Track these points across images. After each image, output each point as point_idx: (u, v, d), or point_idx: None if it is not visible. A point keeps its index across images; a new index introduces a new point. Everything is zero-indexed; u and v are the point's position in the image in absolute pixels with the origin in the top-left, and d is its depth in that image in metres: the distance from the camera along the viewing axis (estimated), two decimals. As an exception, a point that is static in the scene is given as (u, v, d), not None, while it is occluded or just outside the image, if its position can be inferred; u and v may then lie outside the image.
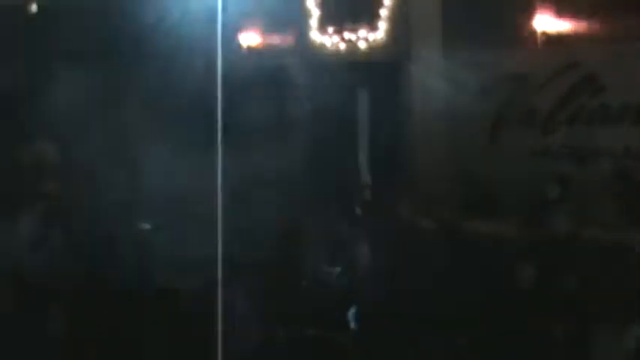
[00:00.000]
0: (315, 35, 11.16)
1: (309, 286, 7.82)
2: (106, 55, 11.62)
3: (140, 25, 11.53)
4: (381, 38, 11.00)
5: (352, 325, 7.87)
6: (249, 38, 11.53)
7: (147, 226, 9.23)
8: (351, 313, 7.92)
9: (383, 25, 10.96)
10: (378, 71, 11.06)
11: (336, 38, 11.08)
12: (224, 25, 11.37)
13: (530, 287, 7.47)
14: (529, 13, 10.29)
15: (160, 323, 7.44)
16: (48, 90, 11.82)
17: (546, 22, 10.22)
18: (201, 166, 11.32)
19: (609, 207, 8.96)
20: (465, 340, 7.19)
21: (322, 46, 11.14)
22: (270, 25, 11.44)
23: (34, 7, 11.27)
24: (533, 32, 10.28)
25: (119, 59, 11.62)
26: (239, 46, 11.47)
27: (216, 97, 11.61)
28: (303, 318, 7.42)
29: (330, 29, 11.07)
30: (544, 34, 10.21)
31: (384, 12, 10.94)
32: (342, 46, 11.06)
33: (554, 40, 10.18)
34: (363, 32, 10.99)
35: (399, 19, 10.92)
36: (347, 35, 11.04)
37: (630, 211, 8.82)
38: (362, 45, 11.01)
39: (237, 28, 11.44)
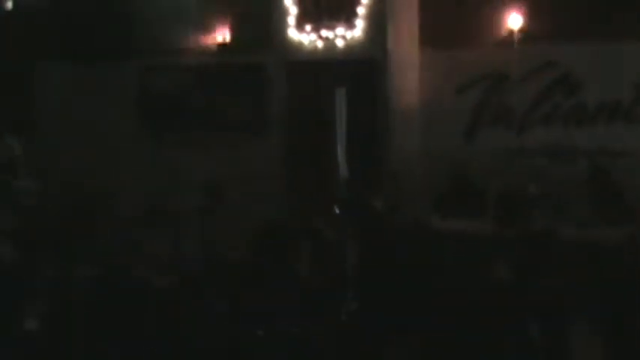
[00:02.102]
0: (293, 33, 11.16)
1: (287, 282, 7.80)
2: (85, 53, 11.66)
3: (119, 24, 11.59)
4: (359, 36, 11.02)
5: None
6: (227, 35, 11.53)
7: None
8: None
9: (360, 23, 10.98)
10: (355, 69, 11.08)
11: (313, 36, 11.07)
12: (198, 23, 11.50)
13: (506, 285, 7.50)
14: (505, 12, 10.35)
15: (138, 320, 7.39)
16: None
17: (522, 21, 10.28)
18: (179, 164, 11.40)
19: (585, 205, 9.04)
20: (441, 338, 7.20)
21: (300, 43, 11.14)
22: (248, 22, 11.44)
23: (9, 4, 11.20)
24: (510, 31, 10.35)
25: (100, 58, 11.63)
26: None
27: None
28: (281, 316, 7.41)
29: (308, 27, 11.06)
30: (520, 32, 10.28)
31: (361, 10, 10.96)
32: (320, 43, 11.06)
33: (530, 39, 10.25)
34: (340, 30, 10.99)
35: (376, 17, 10.94)
36: (324, 33, 11.04)
37: (605, 208, 8.91)
38: (340, 43, 11.02)
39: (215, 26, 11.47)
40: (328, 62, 11.03)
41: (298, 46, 11.12)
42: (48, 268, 7.87)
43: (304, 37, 11.10)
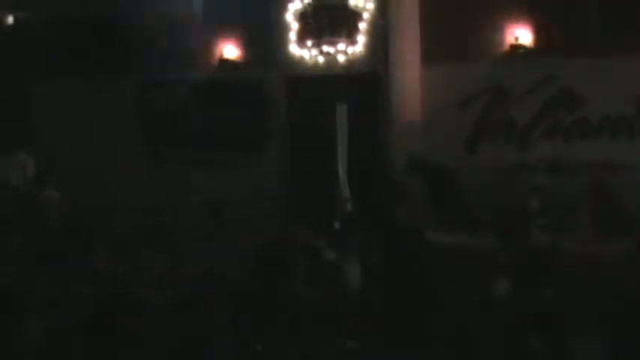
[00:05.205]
0: (294, 48, 11.17)
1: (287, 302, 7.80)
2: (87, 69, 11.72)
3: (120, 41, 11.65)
4: (360, 51, 11.02)
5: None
6: (228, 51, 11.56)
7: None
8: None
9: (362, 39, 10.98)
10: (357, 84, 11.08)
11: (314, 51, 11.08)
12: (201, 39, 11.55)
13: (506, 301, 7.46)
14: (506, 27, 10.35)
15: (139, 337, 7.39)
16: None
17: (523, 36, 10.28)
18: (179, 181, 11.41)
19: (585, 219, 9.01)
20: (442, 354, 7.18)
21: (301, 59, 11.15)
22: (249, 38, 11.47)
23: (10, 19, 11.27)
24: (511, 45, 10.34)
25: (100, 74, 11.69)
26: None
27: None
28: (281, 335, 7.41)
29: (309, 42, 11.07)
30: (521, 47, 10.27)
31: (362, 25, 10.96)
32: (321, 59, 11.07)
33: (531, 54, 10.24)
34: (342, 45, 10.99)
35: (377, 32, 10.95)
36: (326, 48, 11.04)
37: (607, 224, 8.87)
38: (341, 58, 11.02)
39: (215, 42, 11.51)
40: (329, 77, 11.04)
41: (299, 62, 11.13)
42: (47, 285, 7.88)
43: (305, 53, 11.10)
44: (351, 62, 10.98)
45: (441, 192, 9.88)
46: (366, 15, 10.95)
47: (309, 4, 10.96)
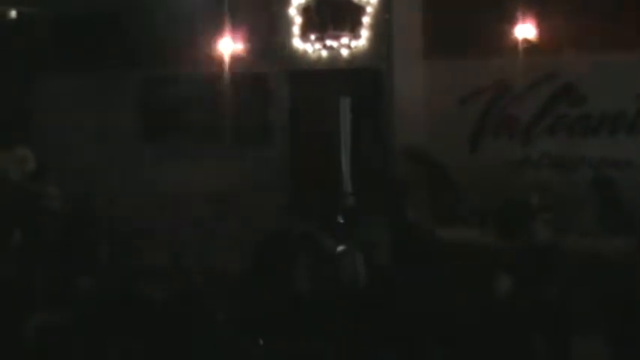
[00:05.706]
0: (298, 42, 11.18)
1: (288, 296, 7.82)
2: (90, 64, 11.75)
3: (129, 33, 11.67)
4: (363, 46, 11.03)
5: None
6: (231, 46, 11.56)
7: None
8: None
9: (365, 33, 10.99)
10: (359, 79, 11.08)
11: (318, 45, 11.08)
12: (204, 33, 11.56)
13: (509, 297, 7.48)
14: (508, 23, 10.35)
15: (137, 331, 7.40)
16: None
17: (525, 32, 10.28)
18: (181, 174, 11.44)
19: (588, 216, 9.03)
20: (444, 352, 7.20)
21: (304, 53, 11.16)
22: (252, 33, 11.48)
23: (13, 13, 11.29)
24: (513, 42, 10.34)
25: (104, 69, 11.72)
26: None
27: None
28: (281, 329, 7.43)
29: (312, 36, 11.07)
30: (523, 43, 10.27)
31: (366, 20, 10.97)
32: (324, 53, 11.08)
33: (533, 50, 10.24)
34: (345, 40, 11.00)
35: (381, 27, 10.95)
36: (329, 42, 11.04)
37: (609, 219, 8.89)
38: (344, 52, 11.03)
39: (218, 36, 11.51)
40: (332, 72, 11.04)
41: (303, 56, 11.14)
42: (49, 279, 7.90)
43: (308, 47, 11.11)
44: (354, 56, 10.98)
45: (442, 188, 9.91)
46: (369, 9, 10.95)
47: (312, -2, 10.99)
